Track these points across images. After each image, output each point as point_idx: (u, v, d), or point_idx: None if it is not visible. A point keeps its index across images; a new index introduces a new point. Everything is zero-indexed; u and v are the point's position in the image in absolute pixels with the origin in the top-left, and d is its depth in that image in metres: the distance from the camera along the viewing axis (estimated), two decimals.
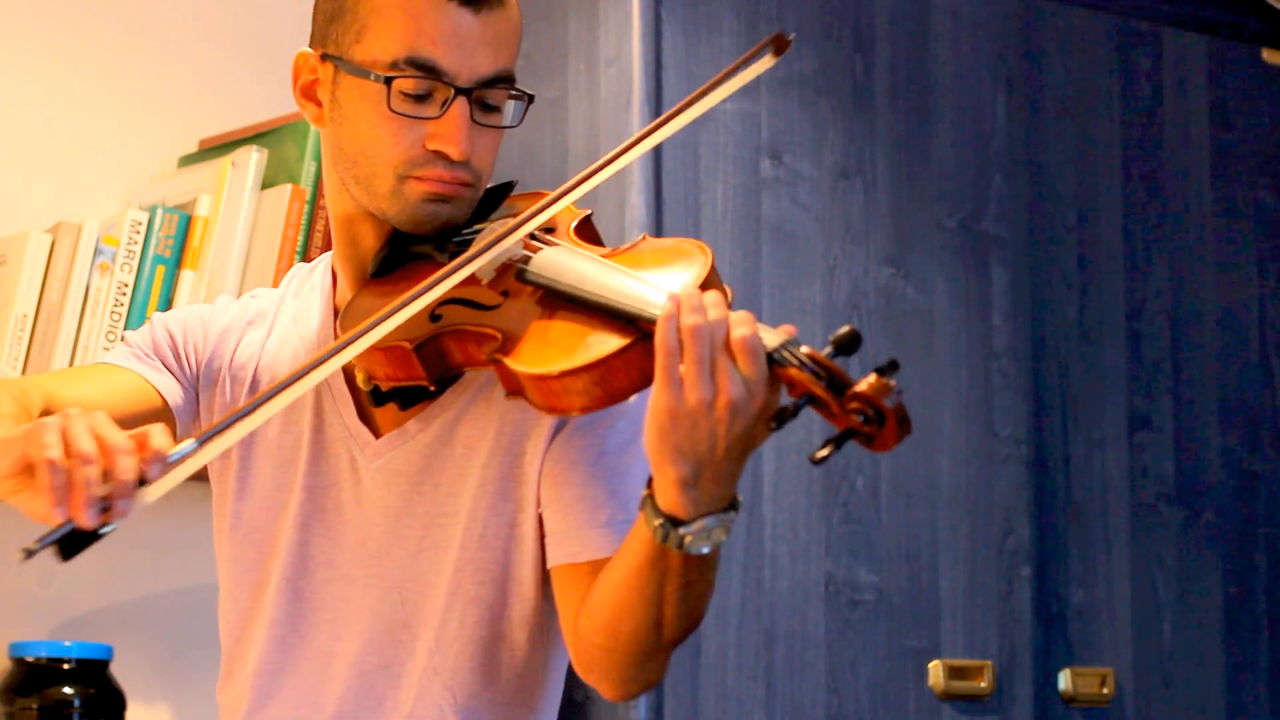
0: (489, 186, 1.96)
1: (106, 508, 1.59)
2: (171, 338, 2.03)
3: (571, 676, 2.74)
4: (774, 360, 1.62)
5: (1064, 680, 2.98)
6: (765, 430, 1.63)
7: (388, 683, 1.91)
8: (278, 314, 2.05)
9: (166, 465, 1.62)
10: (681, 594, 1.72)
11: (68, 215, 2.72)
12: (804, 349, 1.62)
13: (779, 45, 1.80)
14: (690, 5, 2.82)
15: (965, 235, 3.00)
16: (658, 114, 2.77)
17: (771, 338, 1.63)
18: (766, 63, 1.78)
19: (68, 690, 2.60)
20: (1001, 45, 3.06)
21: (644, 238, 1.88)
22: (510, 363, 1.74)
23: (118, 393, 1.96)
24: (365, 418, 1.97)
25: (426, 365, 1.83)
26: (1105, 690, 3.00)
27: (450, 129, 1.86)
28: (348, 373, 1.97)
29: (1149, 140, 3.17)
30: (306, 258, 2.69)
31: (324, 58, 1.92)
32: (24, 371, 2.64)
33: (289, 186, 2.70)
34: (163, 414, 1.99)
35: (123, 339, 2.03)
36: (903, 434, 1.57)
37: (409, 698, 1.90)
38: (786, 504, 2.79)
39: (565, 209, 1.90)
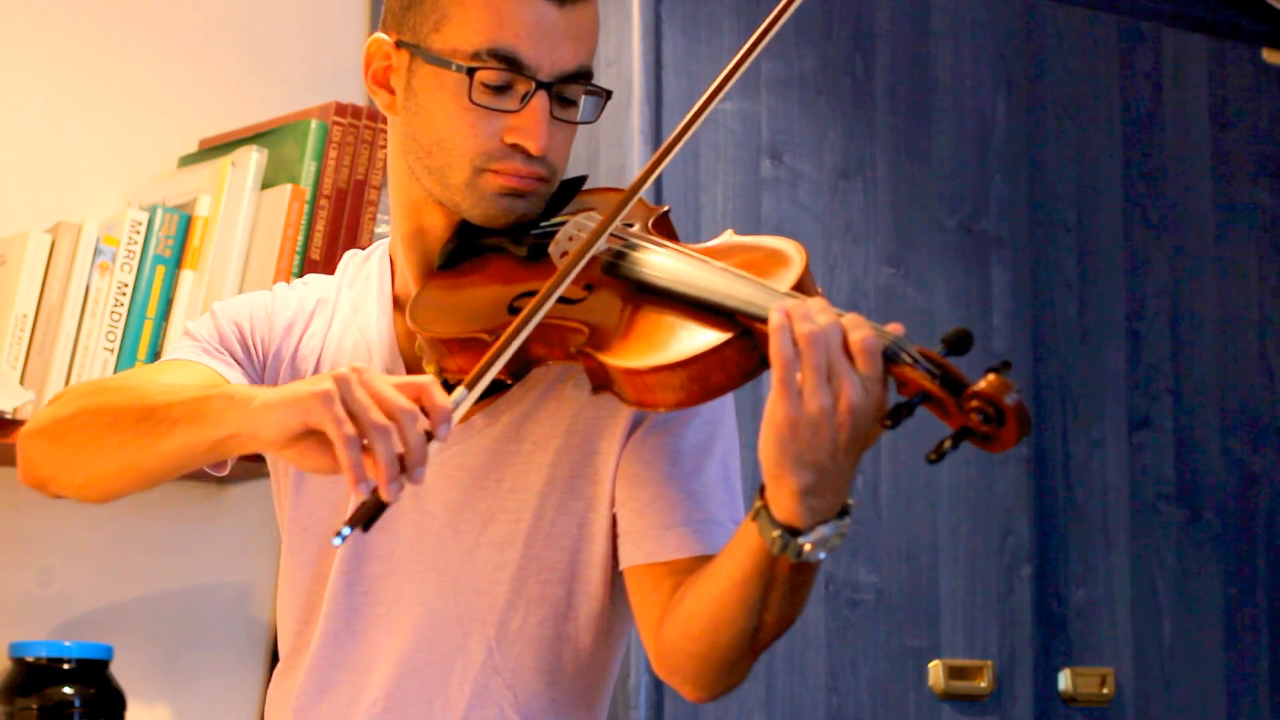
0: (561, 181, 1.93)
1: (402, 470, 1.59)
2: (239, 329, 1.98)
3: None
4: (889, 359, 1.61)
5: (1064, 680, 2.98)
6: (879, 430, 1.62)
7: (439, 679, 1.88)
8: (337, 304, 2.01)
9: (448, 417, 1.62)
10: (784, 601, 1.71)
11: (68, 215, 2.72)
12: (916, 347, 1.62)
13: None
14: (690, 5, 2.82)
15: (965, 235, 3.00)
16: (658, 114, 2.77)
17: (883, 337, 1.62)
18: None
19: (68, 690, 2.60)
20: (1001, 45, 3.06)
21: (729, 234, 1.87)
22: (602, 357, 1.72)
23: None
24: None
25: (508, 360, 1.78)
26: (1105, 690, 3.00)
27: (530, 123, 1.84)
28: (408, 362, 1.94)
29: (1149, 140, 3.17)
30: (306, 258, 2.69)
31: (399, 45, 1.89)
32: (24, 371, 2.64)
33: (289, 186, 2.70)
34: None
35: (185, 331, 1.99)
36: (1023, 433, 1.56)
37: (464, 695, 1.87)
38: None
39: (641, 205, 1.88)
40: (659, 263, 1.78)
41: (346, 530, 1.59)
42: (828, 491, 1.63)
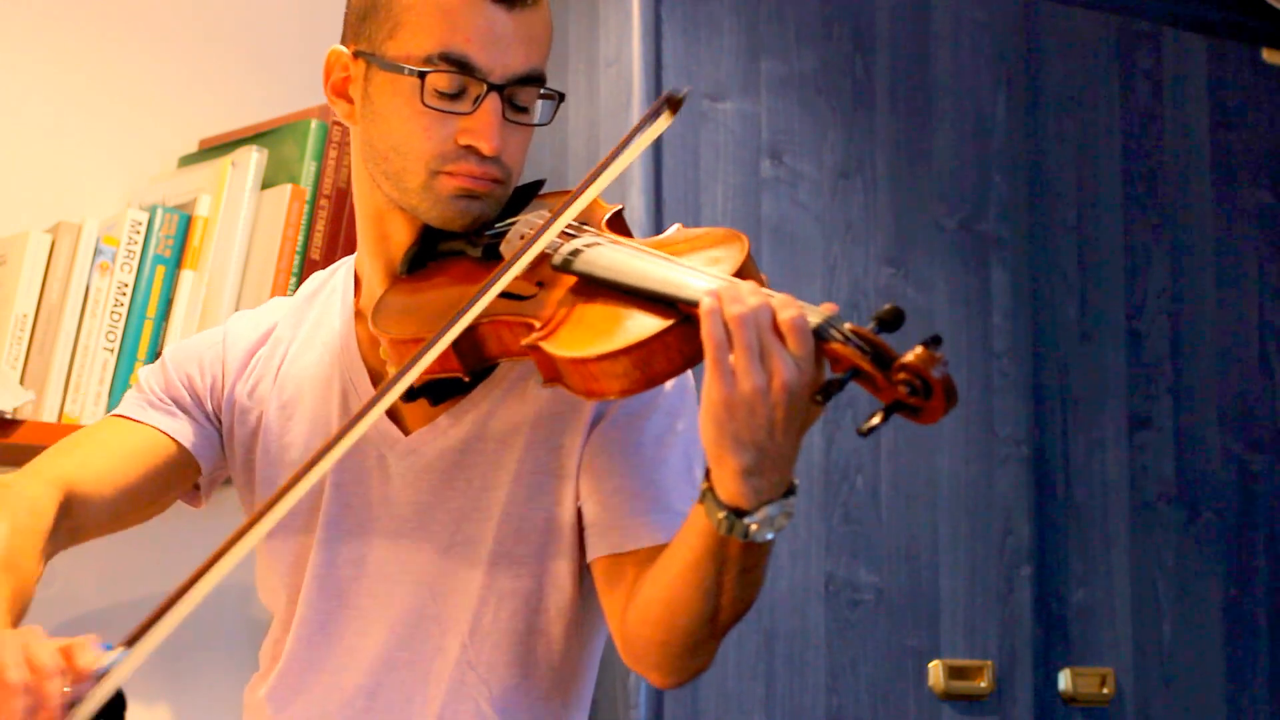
0: (518, 185, 1.96)
1: None
2: (188, 379, 2.03)
3: None
4: (820, 336, 1.64)
5: (1064, 680, 2.98)
6: (814, 407, 1.64)
7: (416, 678, 1.91)
8: (299, 322, 2.05)
9: (97, 680, 1.63)
10: (738, 582, 1.73)
11: (68, 215, 2.72)
12: (847, 325, 1.64)
13: (673, 104, 1.82)
14: (690, 5, 2.82)
15: (965, 235, 3.00)
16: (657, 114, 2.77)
17: (814, 315, 1.65)
18: (664, 122, 1.80)
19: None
20: (1001, 45, 3.06)
21: (677, 228, 1.90)
22: (548, 347, 1.74)
23: (136, 455, 1.98)
24: (393, 415, 1.96)
25: (462, 357, 1.83)
26: (1105, 690, 3.00)
27: (482, 124, 1.87)
28: (373, 372, 1.97)
29: (1149, 140, 3.17)
30: (306, 258, 2.69)
31: (356, 55, 1.93)
32: (24, 371, 2.63)
33: (289, 186, 2.70)
34: (181, 460, 2.01)
35: (135, 380, 2.04)
36: (949, 405, 1.59)
37: (440, 692, 1.90)
38: None
39: (597, 204, 1.91)
40: (601, 256, 1.81)
41: None
42: (770, 471, 1.66)
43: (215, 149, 2.85)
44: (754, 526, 1.67)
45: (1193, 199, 3.21)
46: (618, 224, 1.93)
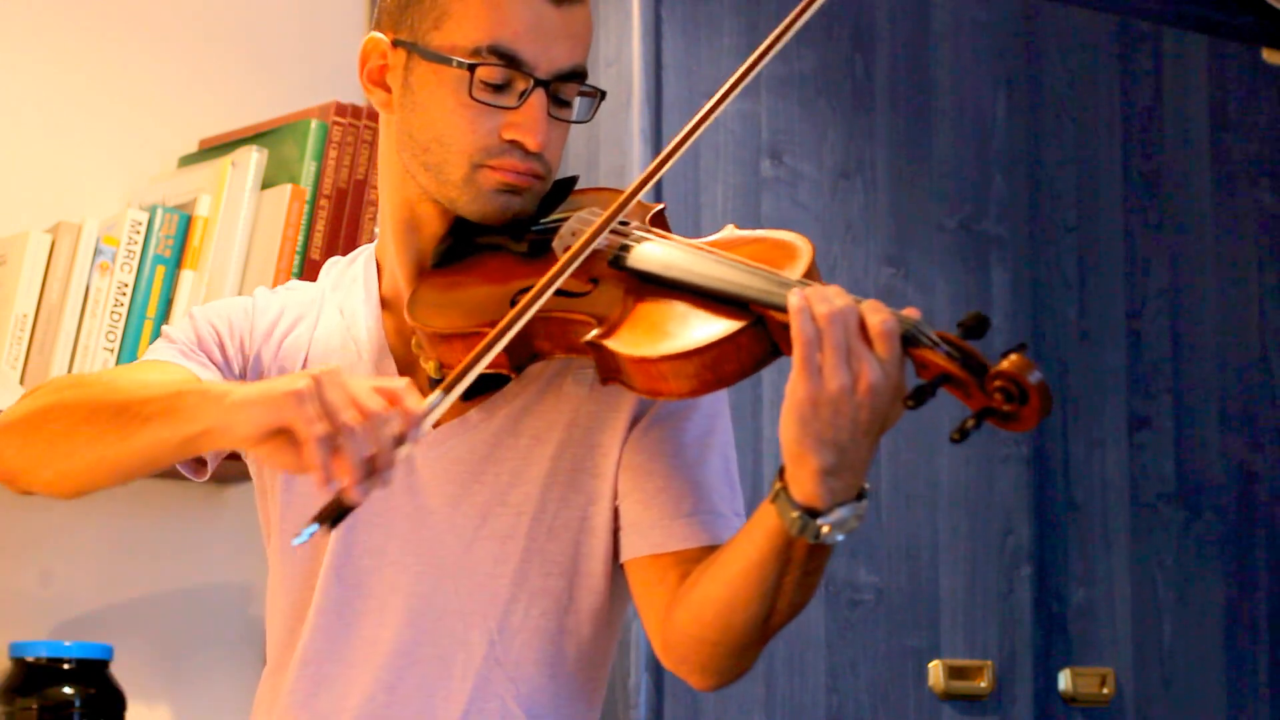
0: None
1: (371, 473, 1.60)
2: (217, 333, 1.99)
3: None
4: (908, 341, 1.65)
5: (1064, 680, 2.98)
6: (899, 411, 1.66)
7: (439, 672, 1.89)
8: (322, 307, 2.02)
9: (421, 422, 1.63)
10: (799, 584, 1.74)
11: (68, 215, 2.72)
12: (935, 331, 1.66)
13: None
14: (690, 5, 2.82)
15: (965, 235, 3.00)
16: (658, 114, 2.77)
17: (904, 320, 1.66)
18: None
19: (68, 690, 2.60)
20: (1001, 45, 3.06)
21: (731, 227, 1.90)
22: (612, 345, 1.74)
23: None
24: None
25: (510, 352, 1.81)
26: (1105, 690, 3.00)
27: (528, 119, 1.86)
28: (402, 364, 1.95)
29: (1149, 140, 3.17)
30: (306, 258, 2.69)
31: (396, 44, 1.91)
32: (24, 371, 2.64)
33: (289, 186, 2.70)
34: None
35: (163, 333, 1.99)
36: (1045, 412, 1.60)
37: (465, 688, 1.88)
38: None
39: (637, 204, 1.90)
40: (666, 255, 1.81)
41: (310, 529, 1.60)
42: (847, 472, 1.66)
43: (215, 149, 2.85)
44: (826, 528, 1.68)
45: (1193, 199, 3.21)
46: (660, 222, 1.92)
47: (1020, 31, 3.08)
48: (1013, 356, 1.61)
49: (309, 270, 2.65)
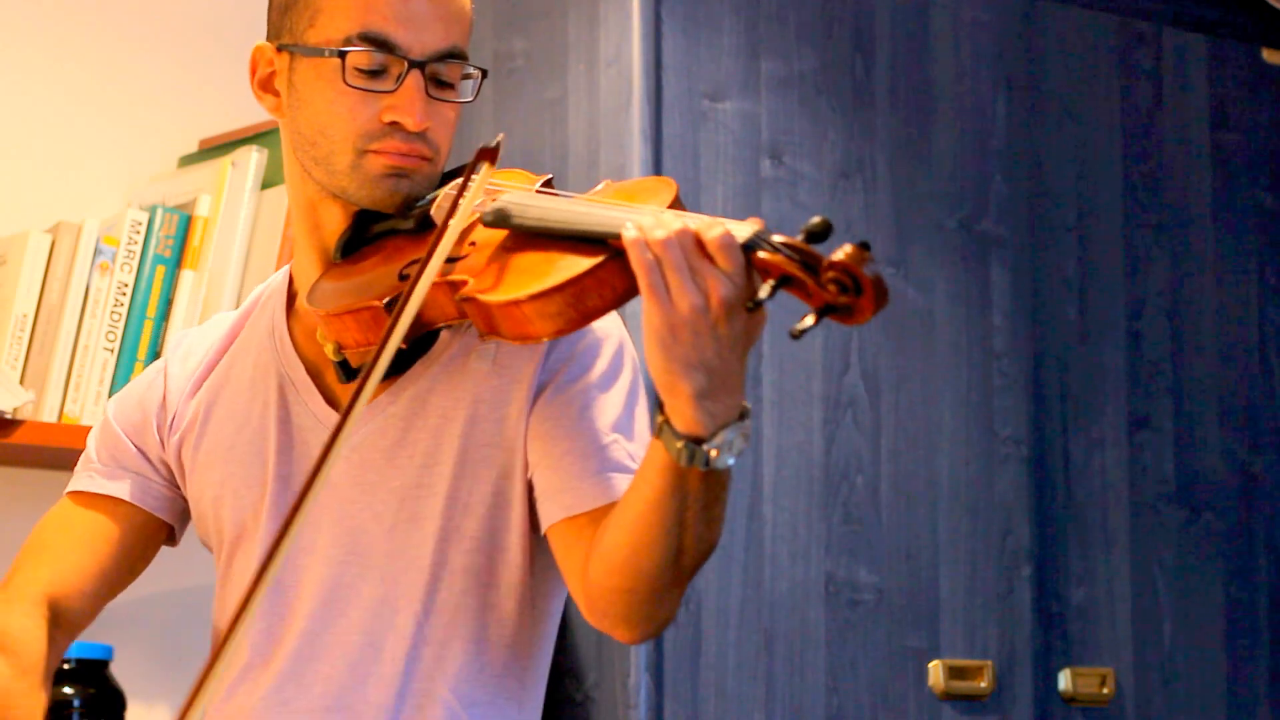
0: (447, 170, 1.99)
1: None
2: (132, 429, 2.08)
3: (566, 676, 2.74)
4: (748, 249, 1.66)
5: (1064, 680, 2.98)
6: (760, 321, 1.68)
7: (372, 657, 1.92)
8: (247, 326, 2.08)
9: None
10: (701, 517, 1.75)
11: (68, 215, 2.72)
12: (777, 236, 1.67)
13: (491, 155, 1.85)
14: (690, 5, 2.82)
15: (965, 235, 3.00)
16: (658, 114, 2.77)
17: (742, 230, 1.67)
18: (486, 172, 1.83)
19: (68, 690, 2.60)
20: (1001, 45, 3.06)
21: (605, 183, 1.92)
22: (481, 296, 1.76)
23: (104, 534, 2.06)
24: (329, 398, 1.98)
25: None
26: (1105, 690, 3.00)
27: (405, 100, 1.90)
28: (308, 362, 2.00)
29: (1149, 140, 3.17)
30: None
31: (280, 48, 1.97)
32: (24, 371, 2.63)
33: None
34: (147, 520, 2.08)
35: (86, 450, 2.10)
36: (880, 303, 1.61)
37: (397, 671, 1.91)
38: (786, 504, 2.78)
39: (525, 178, 1.93)
40: (534, 206, 1.83)
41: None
42: (721, 393, 1.67)
43: (215, 149, 2.85)
44: (714, 453, 1.69)
45: (1193, 199, 3.21)
46: (548, 189, 1.95)
47: (1020, 31, 3.08)
48: (847, 248, 1.62)
49: None
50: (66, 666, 2.61)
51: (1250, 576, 3.16)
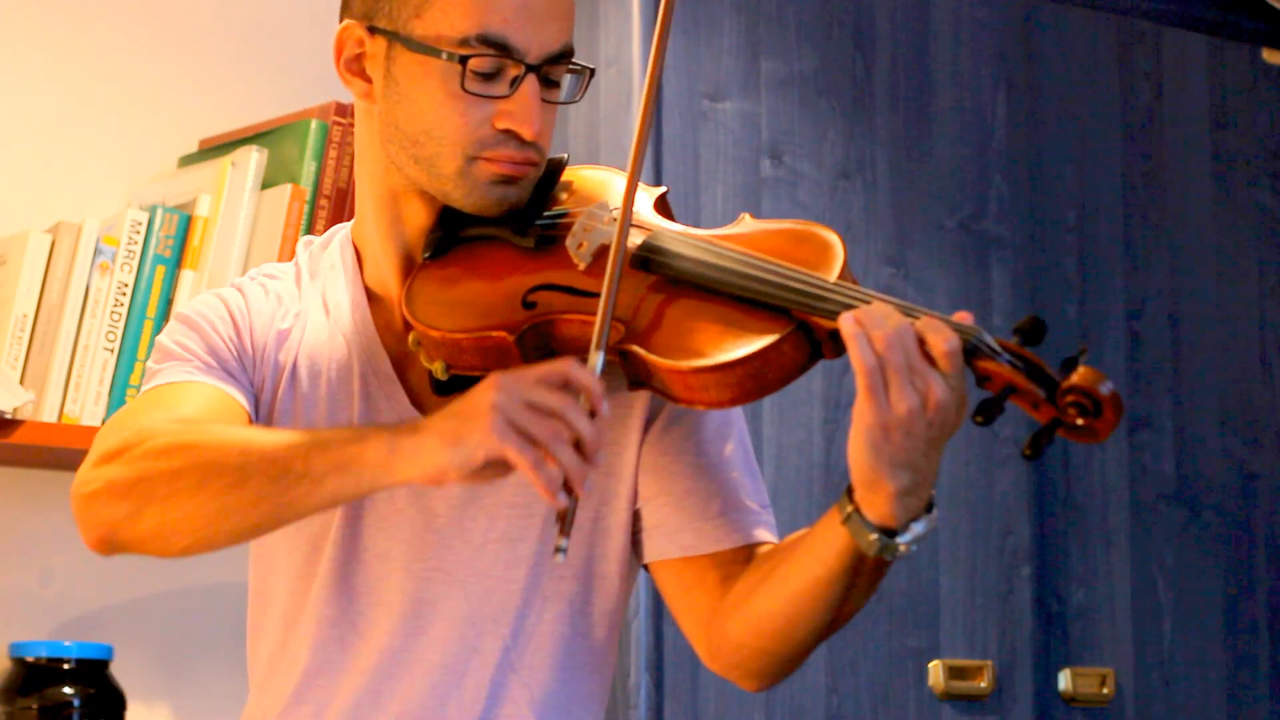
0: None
1: (585, 460, 1.61)
2: (224, 341, 1.89)
3: None
4: (970, 353, 1.63)
5: (1064, 680, 2.98)
6: (963, 417, 1.65)
7: (452, 680, 1.84)
8: (302, 297, 1.94)
9: (600, 390, 1.62)
10: (863, 594, 1.74)
11: (68, 215, 2.72)
12: (995, 339, 1.63)
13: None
14: (690, 5, 2.82)
15: (965, 235, 3.00)
16: (658, 114, 2.77)
17: (963, 332, 1.63)
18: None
19: (68, 690, 2.60)
20: (1001, 45, 3.06)
21: (747, 219, 1.83)
22: (646, 353, 1.69)
23: (222, 418, 1.84)
24: (415, 403, 1.87)
25: (526, 355, 1.75)
26: (1105, 690, 3.00)
27: (522, 107, 1.80)
28: (395, 359, 1.88)
29: (1149, 140, 3.17)
30: None
31: (374, 31, 1.84)
32: (24, 371, 2.63)
33: (289, 186, 2.70)
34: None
35: (162, 347, 1.89)
36: (1118, 420, 1.58)
37: (480, 695, 1.83)
38: (786, 504, 2.78)
39: (641, 188, 1.83)
40: (696, 255, 1.75)
41: (565, 543, 1.61)
42: (922, 489, 1.67)
43: (215, 149, 2.85)
44: (903, 547, 1.68)
45: (1193, 199, 3.21)
46: (664, 209, 1.86)
47: (1020, 31, 3.08)
48: (1081, 370, 1.59)
49: None
50: (66, 666, 2.61)
51: (1250, 576, 3.17)
